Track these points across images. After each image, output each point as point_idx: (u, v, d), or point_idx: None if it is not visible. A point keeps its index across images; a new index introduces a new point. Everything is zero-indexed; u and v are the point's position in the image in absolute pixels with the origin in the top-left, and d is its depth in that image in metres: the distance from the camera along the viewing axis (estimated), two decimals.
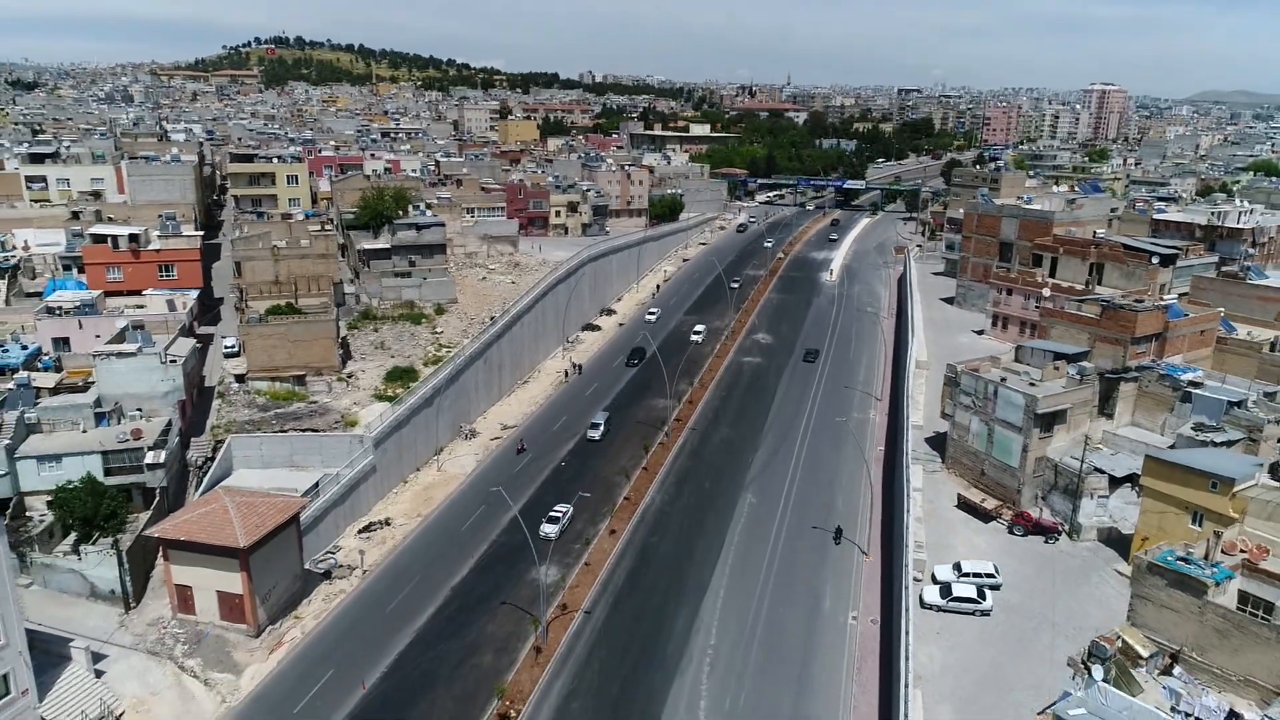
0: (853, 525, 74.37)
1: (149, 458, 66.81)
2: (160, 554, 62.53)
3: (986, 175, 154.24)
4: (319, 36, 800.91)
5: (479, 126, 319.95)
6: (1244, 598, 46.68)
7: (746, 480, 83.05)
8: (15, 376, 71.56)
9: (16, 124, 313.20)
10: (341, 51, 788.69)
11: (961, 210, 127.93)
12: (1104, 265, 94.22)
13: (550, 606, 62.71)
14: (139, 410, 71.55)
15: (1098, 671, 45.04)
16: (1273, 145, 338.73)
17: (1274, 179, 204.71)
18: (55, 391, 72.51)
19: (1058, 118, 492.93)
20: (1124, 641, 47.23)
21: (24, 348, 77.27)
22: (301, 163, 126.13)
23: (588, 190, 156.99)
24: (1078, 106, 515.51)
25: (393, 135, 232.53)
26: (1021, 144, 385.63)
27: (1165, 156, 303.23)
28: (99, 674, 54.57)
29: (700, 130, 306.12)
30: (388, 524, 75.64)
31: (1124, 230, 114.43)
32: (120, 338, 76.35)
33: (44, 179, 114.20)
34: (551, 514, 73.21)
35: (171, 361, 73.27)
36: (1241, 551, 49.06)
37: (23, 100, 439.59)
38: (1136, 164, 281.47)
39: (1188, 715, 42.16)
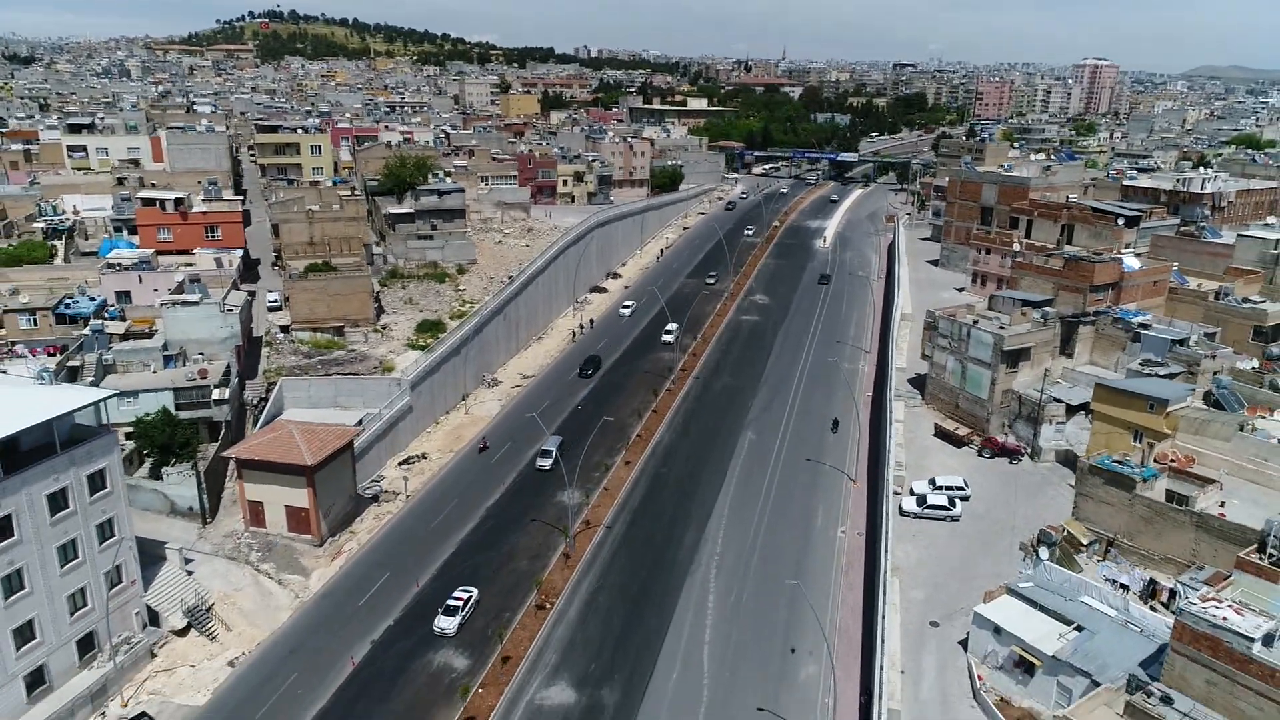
0: (842, 454, 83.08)
1: (215, 394, 74.84)
2: (234, 474, 70.96)
3: (972, 146, 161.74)
4: (313, 10, 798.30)
5: (480, 101, 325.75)
6: (1170, 496, 55.31)
7: (747, 420, 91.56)
8: (90, 324, 79.41)
9: (22, 98, 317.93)
10: (336, 26, 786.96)
11: (947, 178, 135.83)
12: (1074, 227, 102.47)
13: (575, 522, 71.30)
14: (201, 354, 79.37)
15: (1044, 553, 53.73)
16: (1257, 120, 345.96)
17: (1252, 151, 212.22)
18: (124, 337, 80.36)
19: (1049, 93, 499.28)
20: (1068, 532, 55.99)
21: (91, 299, 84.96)
22: (324, 133, 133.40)
23: (593, 161, 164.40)
24: (1069, 82, 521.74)
25: (398, 109, 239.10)
26: (1013, 119, 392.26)
27: (1152, 131, 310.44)
28: (189, 574, 63.07)
29: (698, 104, 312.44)
30: (424, 458, 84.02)
31: (1096, 196, 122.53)
32: (180, 289, 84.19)
33: (84, 148, 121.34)
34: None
35: (229, 310, 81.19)
36: (1171, 460, 57.69)
37: (21, 75, 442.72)
38: (1123, 137, 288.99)
39: (1116, 583, 50.83)
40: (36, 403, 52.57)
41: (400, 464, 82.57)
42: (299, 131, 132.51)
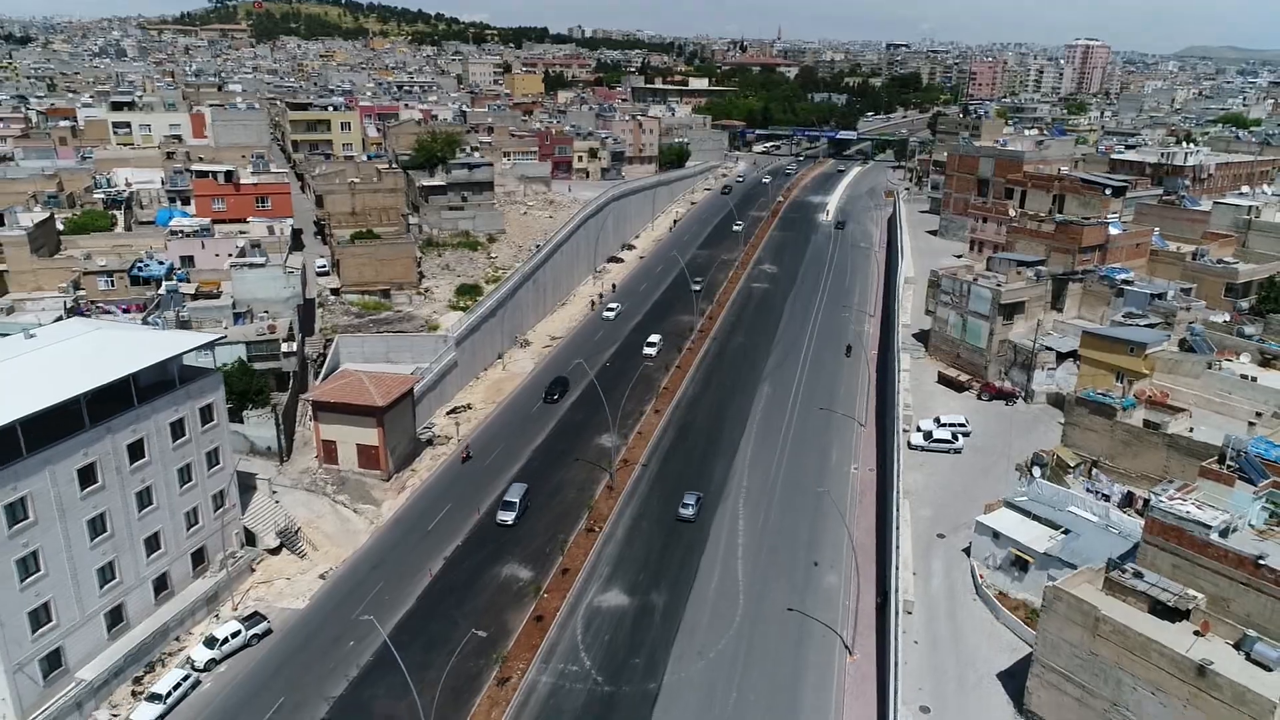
0: (851, 405, 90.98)
1: (284, 348, 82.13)
2: (305, 417, 78.41)
3: (969, 123, 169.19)
4: None
5: (483, 80, 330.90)
6: (1146, 424, 63.29)
7: (763, 375, 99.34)
8: (165, 285, 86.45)
9: (28, 77, 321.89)
10: (329, 5, 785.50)
11: (946, 153, 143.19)
12: (1065, 197, 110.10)
13: (615, 460, 79.07)
14: (266, 312, 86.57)
15: (1037, 472, 61.71)
16: (1244, 99, 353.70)
17: (1236, 129, 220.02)
18: (194, 297, 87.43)
19: (1042, 73, 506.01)
20: (1057, 457, 63.97)
21: (160, 264, 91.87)
22: (353, 111, 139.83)
23: (605, 138, 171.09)
24: (1061, 62, 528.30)
25: (407, 88, 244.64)
26: (1005, 98, 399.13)
27: (1141, 110, 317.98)
28: (276, 502, 70.62)
29: (699, 84, 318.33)
30: (469, 408, 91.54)
31: (1086, 169, 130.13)
32: (242, 254, 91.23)
33: (128, 125, 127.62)
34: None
35: (291, 272, 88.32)
36: (1148, 395, 65.66)
37: (19, 55, 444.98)
38: (1113, 116, 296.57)
39: (1098, 494, 58.82)
40: (157, 343, 59.96)
41: (449, 413, 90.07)
42: (329, 109, 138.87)
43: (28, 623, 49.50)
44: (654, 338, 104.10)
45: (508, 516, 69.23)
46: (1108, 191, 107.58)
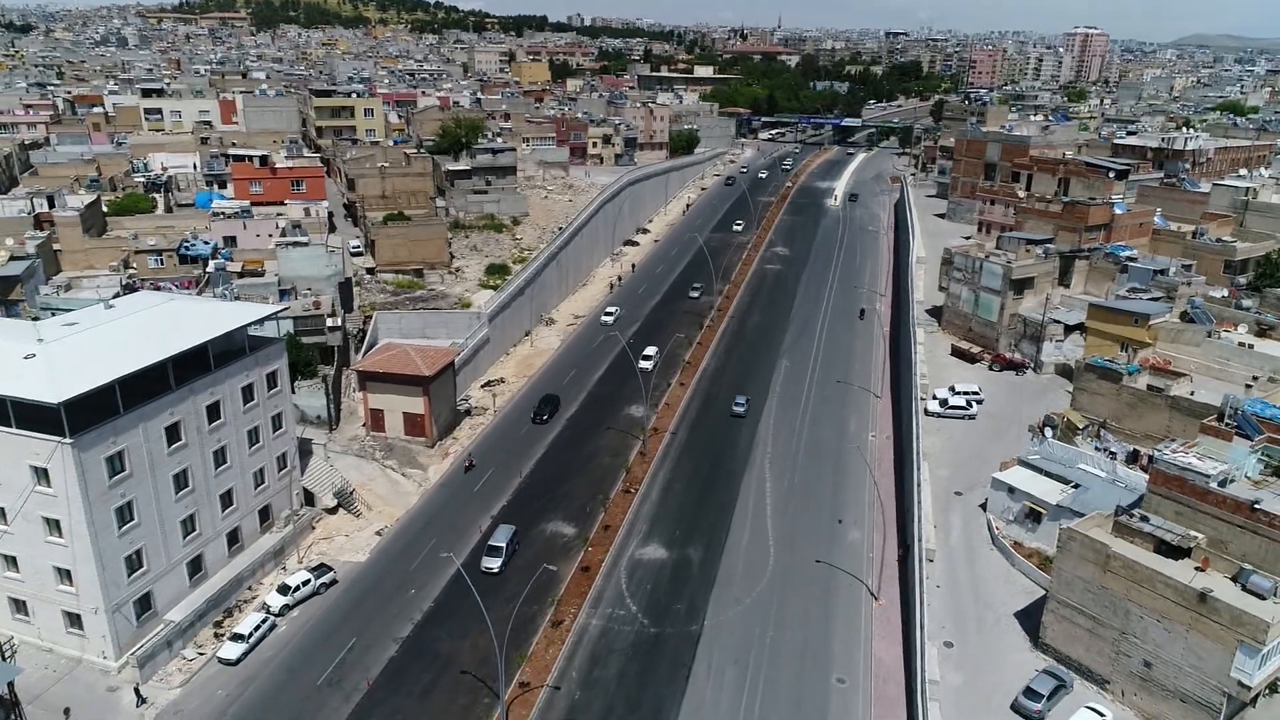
0: (867, 378, 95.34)
1: (329, 323, 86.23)
2: (351, 388, 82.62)
3: (975, 109, 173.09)
4: None
5: (489, 68, 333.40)
6: (1150, 388, 67.70)
7: (781, 351, 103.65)
8: (212, 263, 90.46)
9: (37, 65, 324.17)
10: None
11: (953, 139, 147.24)
12: (1070, 180, 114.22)
13: (646, 428, 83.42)
14: (309, 290, 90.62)
15: (1048, 433, 66.12)
16: (1241, 87, 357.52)
17: (1233, 116, 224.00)
18: (240, 275, 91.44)
19: (1041, 61, 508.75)
20: (1067, 420, 68.40)
21: (205, 243, 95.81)
22: (376, 98, 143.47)
23: (618, 124, 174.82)
24: (1060, 50, 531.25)
25: (421, 76, 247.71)
26: (1005, 86, 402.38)
27: (1140, 97, 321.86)
28: (331, 466, 74.89)
29: (703, 72, 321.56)
30: (502, 381, 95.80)
31: (1089, 153, 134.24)
32: (284, 234, 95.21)
33: (159, 111, 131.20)
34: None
35: (333, 251, 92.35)
36: (1152, 362, 70.05)
37: (21, 43, 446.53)
38: (1113, 103, 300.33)
39: (1106, 451, 63.26)
40: (226, 314, 64.10)
41: (483, 386, 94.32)
42: (352, 96, 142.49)
43: (124, 568, 53.82)
44: (650, 350, 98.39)
45: (493, 563, 62.67)
46: (1111, 175, 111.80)
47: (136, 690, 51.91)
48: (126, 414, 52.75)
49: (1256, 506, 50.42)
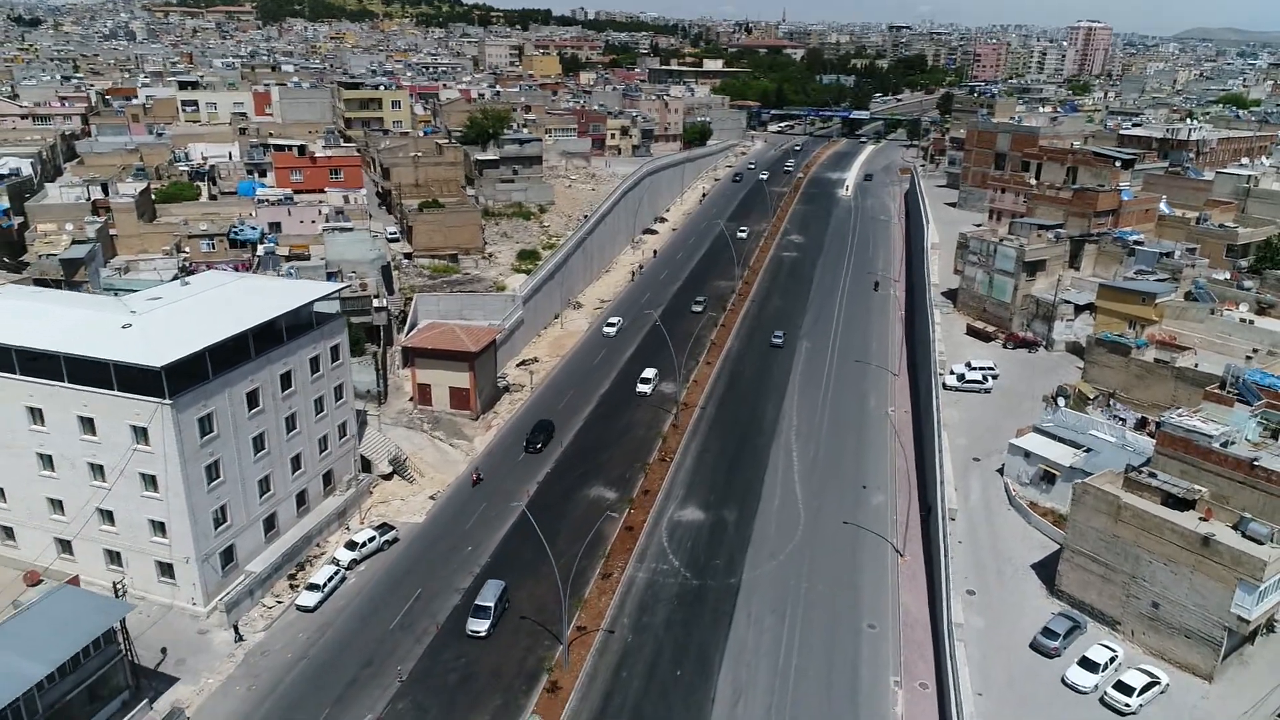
0: (884, 358, 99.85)
1: (375, 303, 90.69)
2: (397, 365, 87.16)
3: (984, 101, 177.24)
4: None
5: (500, 62, 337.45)
6: (1157, 361, 72.21)
7: (801, 332, 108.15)
8: (262, 246, 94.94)
9: (52, 59, 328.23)
10: None
11: (963, 131, 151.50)
12: (1078, 169, 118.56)
13: (677, 404, 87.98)
14: (354, 273, 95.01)
15: (1061, 402, 70.65)
16: (1244, 80, 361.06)
17: (1235, 109, 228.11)
18: (288, 258, 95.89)
19: (1045, 54, 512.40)
20: (1079, 391, 72.91)
21: (253, 229, 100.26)
22: (403, 90, 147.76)
23: (635, 117, 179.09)
24: (1064, 44, 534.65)
25: (444, 70, 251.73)
26: (1010, 79, 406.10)
27: (1144, 90, 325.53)
28: (384, 436, 79.48)
29: (713, 65, 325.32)
30: (536, 360, 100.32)
31: (1096, 144, 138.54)
32: (327, 220, 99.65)
33: (195, 103, 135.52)
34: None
35: (376, 236, 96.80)
36: (1158, 338, 74.53)
37: (31, 37, 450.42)
38: (1116, 96, 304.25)
39: (1116, 417, 67.76)
40: (293, 291, 68.59)
41: (519, 365, 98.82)
42: (380, 88, 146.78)
43: (212, 522, 58.43)
44: (649, 372, 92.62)
45: (480, 626, 56.45)
46: (1118, 164, 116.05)
47: (235, 628, 56.67)
48: (215, 379, 57.30)
49: (1256, 464, 55.04)
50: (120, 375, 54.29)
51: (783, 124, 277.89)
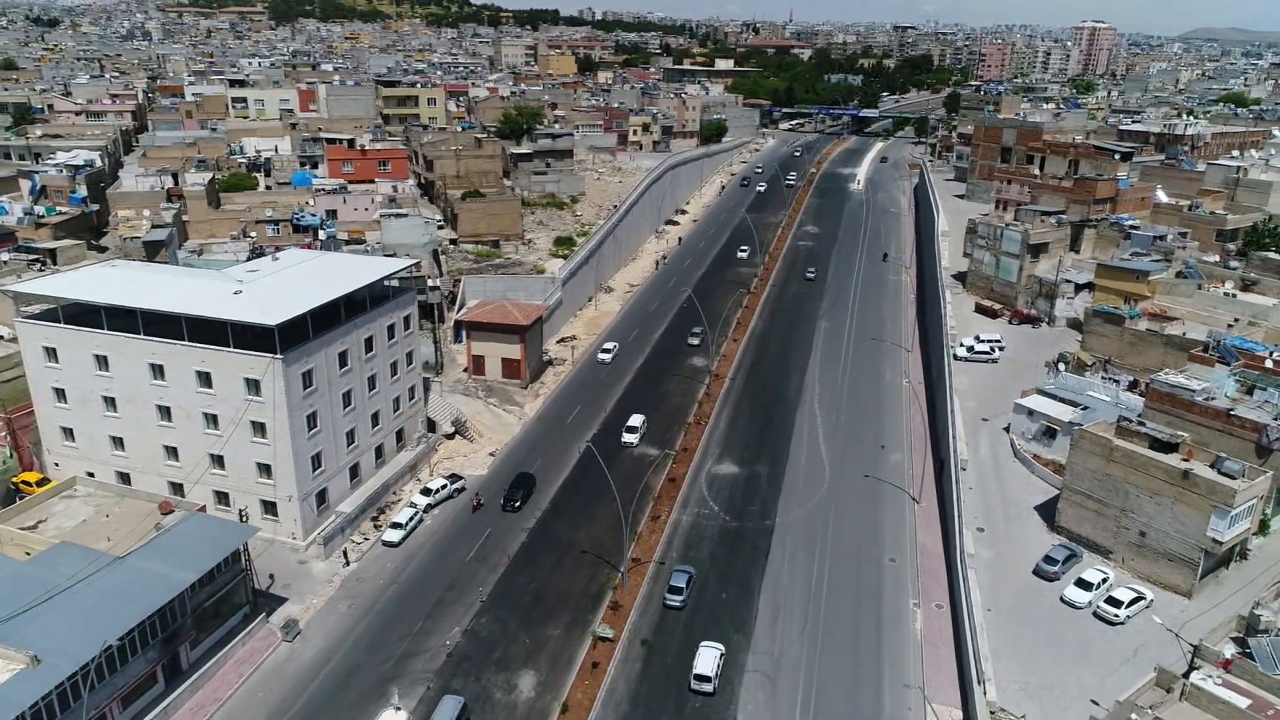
0: (898, 336, 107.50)
1: (429, 283, 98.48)
2: (449, 339, 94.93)
3: (990, 99, 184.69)
4: None
5: (516, 61, 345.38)
6: (1149, 331, 79.76)
7: (819, 313, 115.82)
8: (324, 230, 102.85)
9: (78, 59, 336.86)
10: None
11: (971, 127, 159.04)
12: (1079, 161, 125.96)
13: (708, 376, 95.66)
14: (408, 254, 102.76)
15: (1062, 367, 78.17)
16: (1245, 80, 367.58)
17: (1234, 107, 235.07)
18: (346, 243, 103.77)
19: (1049, 54, 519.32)
20: (1077, 358, 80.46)
21: (312, 215, 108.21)
22: (438, 88, 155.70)
23: (655, 114, 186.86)
24: (1069, 44, 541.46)
25: (454, 68, 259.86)
26: (1015, 79, 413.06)
27: (1147, 90, 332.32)
28: (445, 401, 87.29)
29: (724, 65, 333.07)
30: (575, 338, 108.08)
31: (1097, 139, 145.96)
32: (379, 206, 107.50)
33: (244, 100, 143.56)
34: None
35: (428, 222, 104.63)
36: (1149, 311, 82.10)
37: (50, 37, 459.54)
38: (1119, 95, 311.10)
39: (1111, 379, 75.29)
40: (371, 266, 76.41)
41: (558, 342, 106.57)
42: (416, 86, 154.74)
43: (310, 465, 66.26)
44: (635, 420, 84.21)
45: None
46: (1117, 156, 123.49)
47: (345, 553, 64.67)
48: (314, 340, 65.10)
49: (1232, 413, 62.71)
50: (236, 334, 62.16)
51: (793, 122, 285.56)
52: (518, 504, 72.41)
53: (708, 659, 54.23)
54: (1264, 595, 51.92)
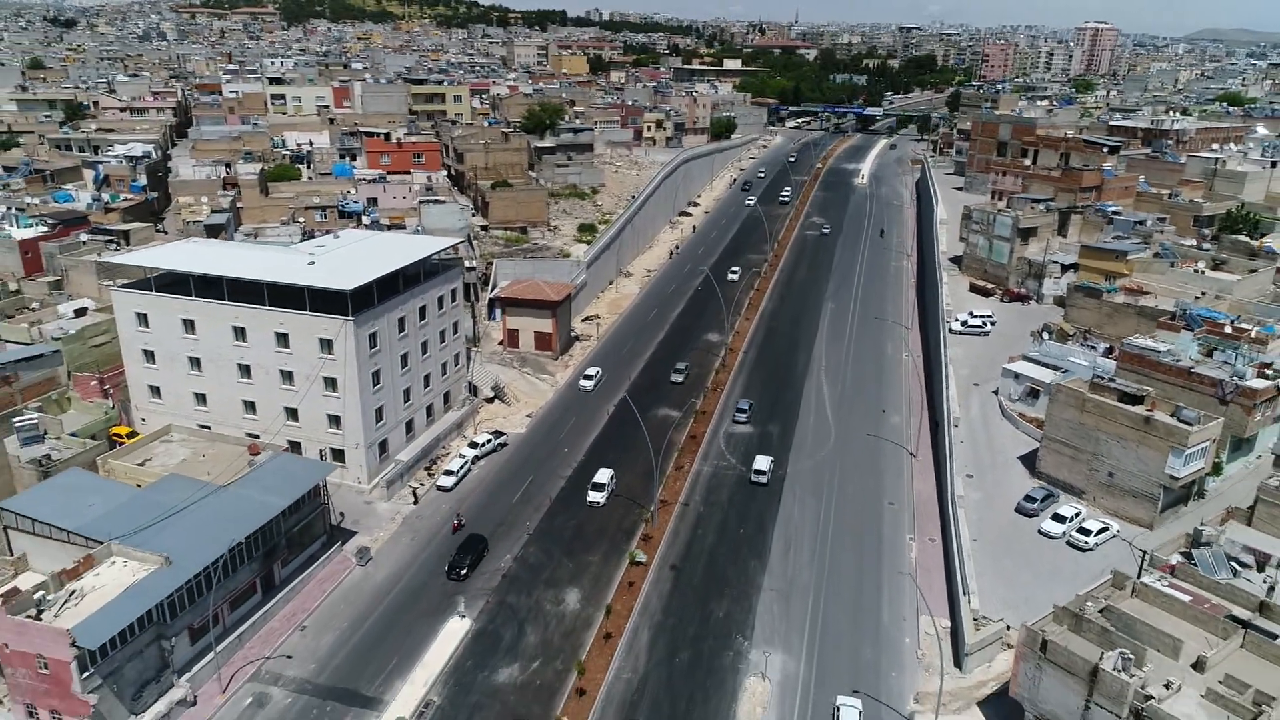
0: (898, 315, 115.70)
1: (467, 264, 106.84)
2: (485, 314, 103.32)
3: (988, 96, 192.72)
4: None
5: (529, 61, 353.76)
6: (1124, 303, 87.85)
7: (825, 296, 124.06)
8: (367, 216, 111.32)
9: (103, 59, 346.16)
10: None
11: (969, 123, 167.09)
12: (1070, 154, 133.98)
13: (723, 348, 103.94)
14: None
15: (1045, 336, 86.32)
16: (1243, 80, 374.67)
17: (1228, 106, 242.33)
18: (388, 227, 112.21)
19: (1052, 54, 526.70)
20: (1060, 328, 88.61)
21: (355, 202, 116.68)
22: (463, 86, 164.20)
23: (668, 111, 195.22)
24: (1071, 44, 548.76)
25: (469, 68, 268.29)
26: (1017, 78, 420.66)
27: (1145, 89, 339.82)
28: (485, 369, 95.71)
29: (732, 65, 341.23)
30: (598, 317, 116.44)
31: (1088, 133, 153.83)
32: (416, 195, 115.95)
33: (283, 97, 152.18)
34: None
35: (463, 209, 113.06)
36: (1127, 287, 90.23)
37: (68, 38, 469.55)
38: (1118, 95, 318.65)
39: (1089, 346, 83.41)
40: (421, 243, 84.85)
41: (583, 320, 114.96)
42: (443, 84, 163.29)
43: (374, 417, 74.68)
44: (602, 476, 75.84)
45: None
46: (1105, 150, 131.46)
47: (414, 492, 73.19)
48: (378, 306, 73.54)
49: (1193, 371, 70.88)
50: (313, 298, 70.61)
51: (800, 120, 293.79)
52: (464, 571, 63.76)
53: (762, 463, 77.28)
54: (1209, 519, 60.08)
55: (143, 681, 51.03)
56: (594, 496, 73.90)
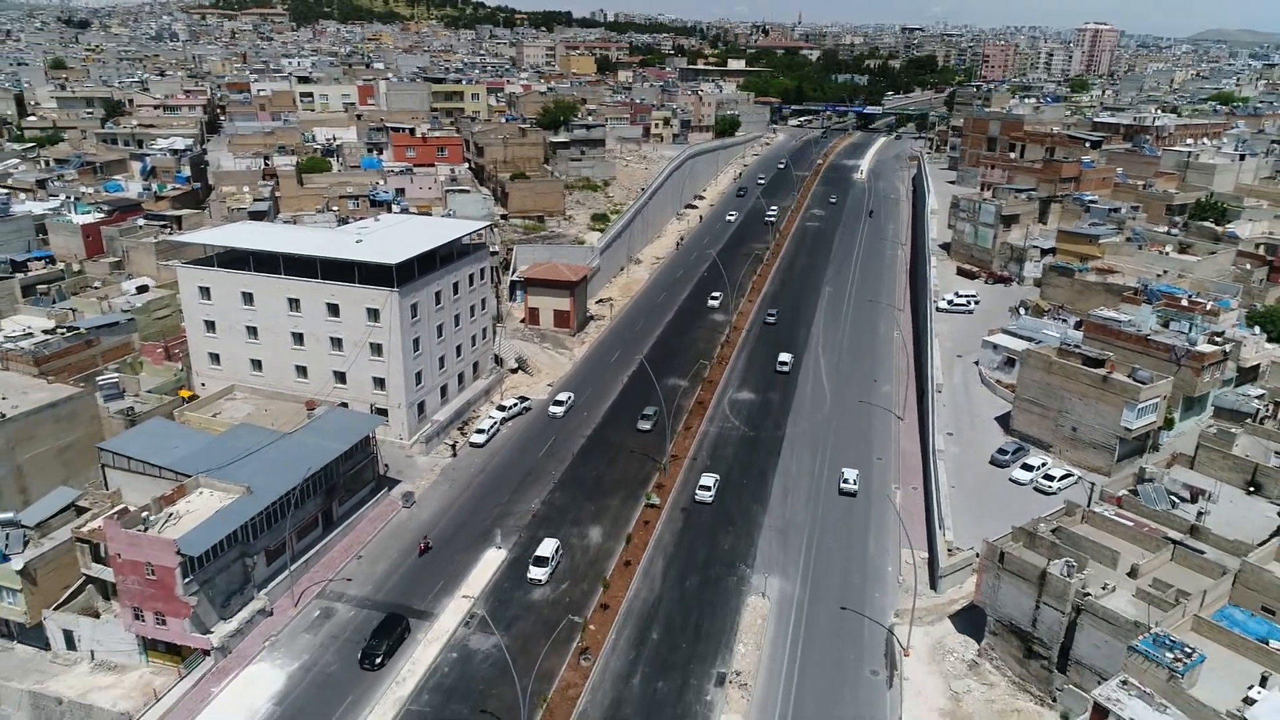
0: (891, 297, 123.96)
1: (491, 248, 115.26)
2: (508, 295, 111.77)
3: (981, 94, 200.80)
4: None
5: (538, 61, 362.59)
6: (1094, 281, 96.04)
7: (824, 281, 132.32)
8: (396, 204, 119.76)
9: (122, 59, 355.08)
10: None
11: (962, 119, 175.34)
12: (1055, 149, 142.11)
13: (727, 327, 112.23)
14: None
15: (1023, 311, 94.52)
16: (1237, 80, 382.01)
17: (1218, 105, 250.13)
18: (417, 214, 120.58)
19: (1052, 55, 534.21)
20: (1036, 304, 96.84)
21: (385, 193, 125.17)
22: (480, 84, 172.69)
23: (675, 109, 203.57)
24: (1071, 45, 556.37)
25: (481, 68, 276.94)
26: (1016, 78, 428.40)
27: (1141, 89, 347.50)
28: (510, 342, 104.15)
29: (736, 65, 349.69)
30: (611, 300, 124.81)
31: (1074, 128, 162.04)
32: (441, 185, 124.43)
33: (311, 95, 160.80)
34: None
35: (486, 197, 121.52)
36: (1098, 267, 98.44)
37: (83, 38, 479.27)
38: (1114, 94, 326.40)
39: (1061, 319, 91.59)
40: (453, 225, 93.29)
41: (597, 302, 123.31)
42: (462, 83, 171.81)
43: (414, 379, 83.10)
44: (546, 545, 66.96)
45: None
46: (1087, 144, 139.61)
47: (452, 446, 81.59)
48: (418, 280, 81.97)
49: (1149, 339, 79.06)
50: (361, 272, 79.06)
51: (802, 118, 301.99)
52: (379, 659, 55.89)
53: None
54: (1158, 463, 68.30)
55: (230, 591, 59.53)
56: (535, 573, 63.73)
